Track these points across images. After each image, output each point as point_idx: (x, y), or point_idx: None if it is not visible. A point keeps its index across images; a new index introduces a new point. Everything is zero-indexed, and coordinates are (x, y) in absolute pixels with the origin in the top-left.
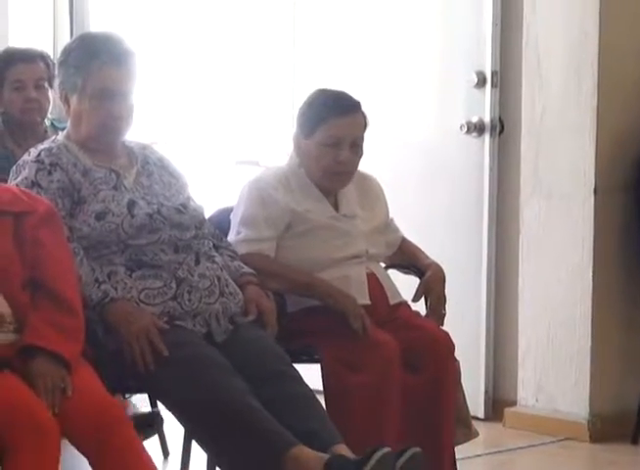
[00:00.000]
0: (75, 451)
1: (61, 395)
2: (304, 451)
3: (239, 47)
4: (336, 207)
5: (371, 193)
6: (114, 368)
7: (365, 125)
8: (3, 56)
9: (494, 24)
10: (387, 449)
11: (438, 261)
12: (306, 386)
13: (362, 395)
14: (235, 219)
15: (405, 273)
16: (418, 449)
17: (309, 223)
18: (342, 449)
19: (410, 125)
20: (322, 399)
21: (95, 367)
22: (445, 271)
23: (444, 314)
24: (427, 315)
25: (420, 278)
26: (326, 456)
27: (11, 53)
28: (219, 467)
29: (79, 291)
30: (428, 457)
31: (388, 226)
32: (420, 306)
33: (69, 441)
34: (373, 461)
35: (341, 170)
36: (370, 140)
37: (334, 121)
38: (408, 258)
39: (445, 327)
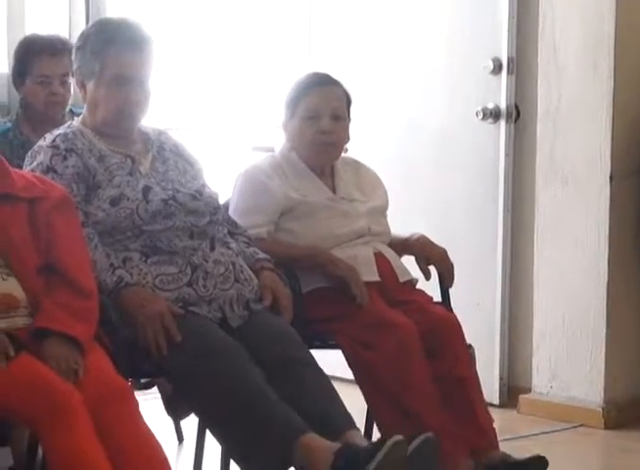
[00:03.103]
0: None
1: (74, 376)
2: (315, 440)
3: (255, 34)
4: (333, 190)
5: (368, 180)
6: (129, 353)
7: (348, 101)
8: (28, 44)
9: (510, 11)
10: (398, 438)
11: (454, 247)
12: (321, 371)
13: (384, 366)
14: (230, 210)
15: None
16: (430, 435)
17: (308, 206)
18: (355, 436)
19: (427, 111)
20: (340, 383)
21: (110, 352)
22: (461, 257)
23: (452, 265)
24: (439, 273)
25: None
26: (336, 445)
27: (37, 44)
28: (229, 453)
29: (92, 275)
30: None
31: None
32: (435, 291)
33: None
34: (383, 451)
35: (325, 141)
36: (388, 126)
37: (310, 95)
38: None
39: (460, 314)
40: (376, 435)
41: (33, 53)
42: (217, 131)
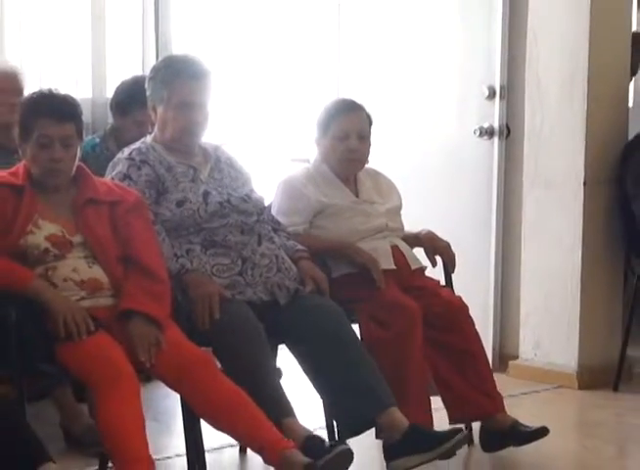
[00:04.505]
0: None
1: (156, 350)
2: (293, 424)
3: (293, 65)
4: (356, 194)
5: (384, 185)
6: (188, 326)
7: (370, 122)
8: (132, 93)
9: (502, 49)
10: (345, 446)
11: (455, 243)
12: (363, 349)
13: (390, 346)
14: (272, 211)
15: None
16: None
17: (335, 207)
18: (395, 413)
19: (433, 130)
20: None
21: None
22: (460, 251)
23: (454, 255)
24: (443, 262)
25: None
26: (307, 431)
27: (138, 93)
28: None
29: (164, 264)
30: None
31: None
32: (439, 276)
33: (164, 382)
34: (334, 452)
35: (352, 157)
36: (403, 142)
37: (340, 118)
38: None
39: (461, 295)
40: None
41: (139, 103)
42: (261, 145)
